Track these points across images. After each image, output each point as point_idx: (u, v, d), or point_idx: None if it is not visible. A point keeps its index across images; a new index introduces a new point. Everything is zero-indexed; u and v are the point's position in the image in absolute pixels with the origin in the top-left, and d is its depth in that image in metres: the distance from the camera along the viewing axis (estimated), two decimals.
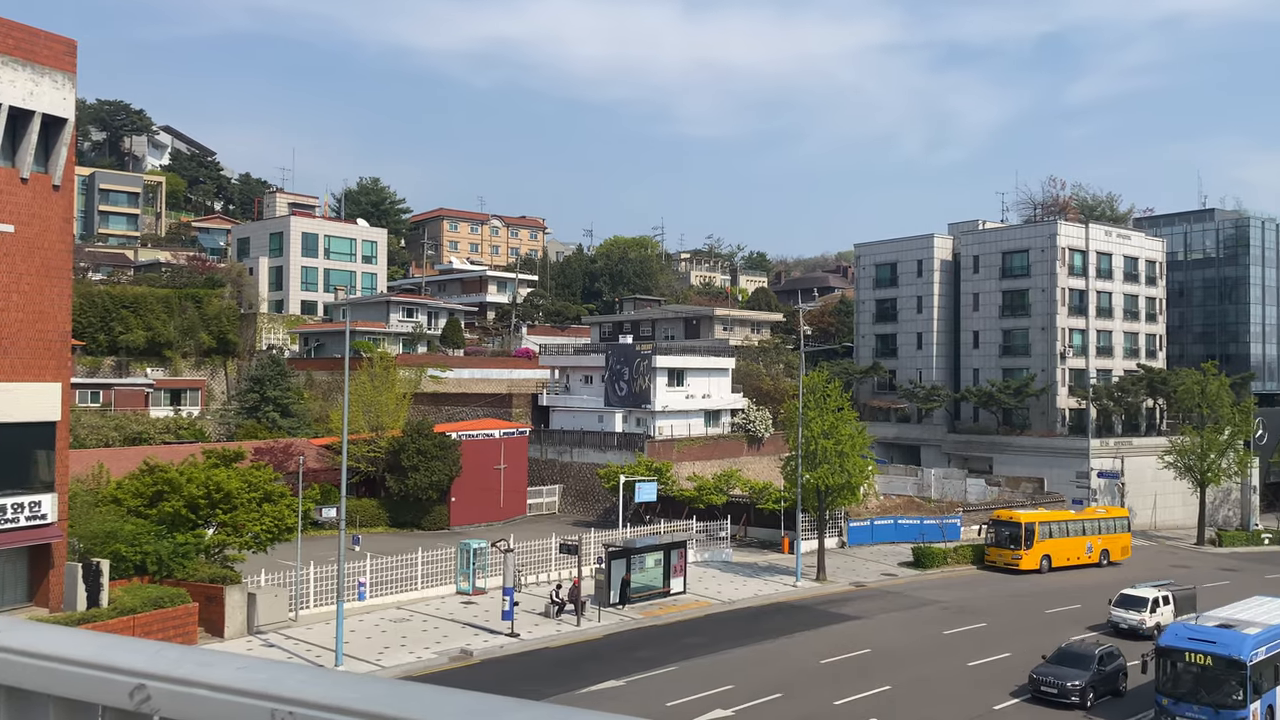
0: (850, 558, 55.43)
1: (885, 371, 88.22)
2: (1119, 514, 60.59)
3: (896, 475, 74.37)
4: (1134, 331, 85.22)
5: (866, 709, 29.38)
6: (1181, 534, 71.49)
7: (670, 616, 40.52)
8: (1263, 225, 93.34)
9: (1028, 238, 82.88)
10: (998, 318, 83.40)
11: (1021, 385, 77.91)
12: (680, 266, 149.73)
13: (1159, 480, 72.52)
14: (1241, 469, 70.11)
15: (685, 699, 29.54)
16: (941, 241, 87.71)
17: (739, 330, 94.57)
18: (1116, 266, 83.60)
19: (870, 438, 54.39)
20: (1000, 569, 53.83)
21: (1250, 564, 61.40)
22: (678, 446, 64.53)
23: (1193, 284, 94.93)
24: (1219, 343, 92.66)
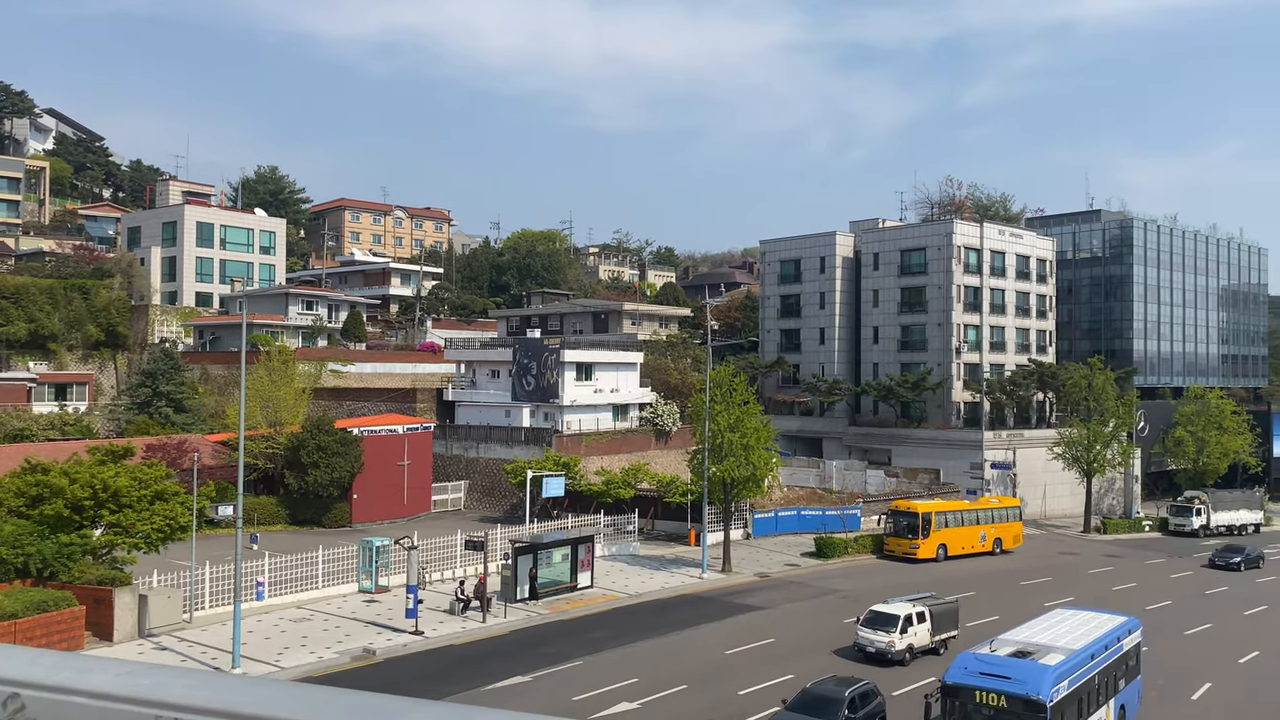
0: (755, 549, 56.23)
1: (789, 366, 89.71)
2: (1011, 503, 62.83)
3: (800, 467, 75.70)
4: (1025, 327, 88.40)
5: (771, 698, 29.83)
6: (1069, 522, 74.54)
7: (577, 611, 40.50)
8: (1145, 226, 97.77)
9: (925, 236, 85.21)
10: (897, 314, 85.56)
11: (919, 379, 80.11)
12: (589, 261, 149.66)
13: (1049, 471, 75.45)
14: (1125, 459, 73.41)
15: (591, 693, 29.58)
16: (843, 239, 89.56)
17: (647, 325, 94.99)
18: (1009, 265, 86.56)
19: (774, 431, 55.27)
20: (899, 558, 55.31)
21: (1132, 550, 64.37)
22: (586, 441, 64.51)
23: (1080, 282, 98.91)
24: (1105, 338, 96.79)
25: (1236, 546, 60.29)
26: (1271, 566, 59.03)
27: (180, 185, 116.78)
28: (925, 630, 35.42)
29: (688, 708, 28.84)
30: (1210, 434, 80.00)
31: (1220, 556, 58.48)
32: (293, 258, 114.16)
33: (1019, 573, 53.58)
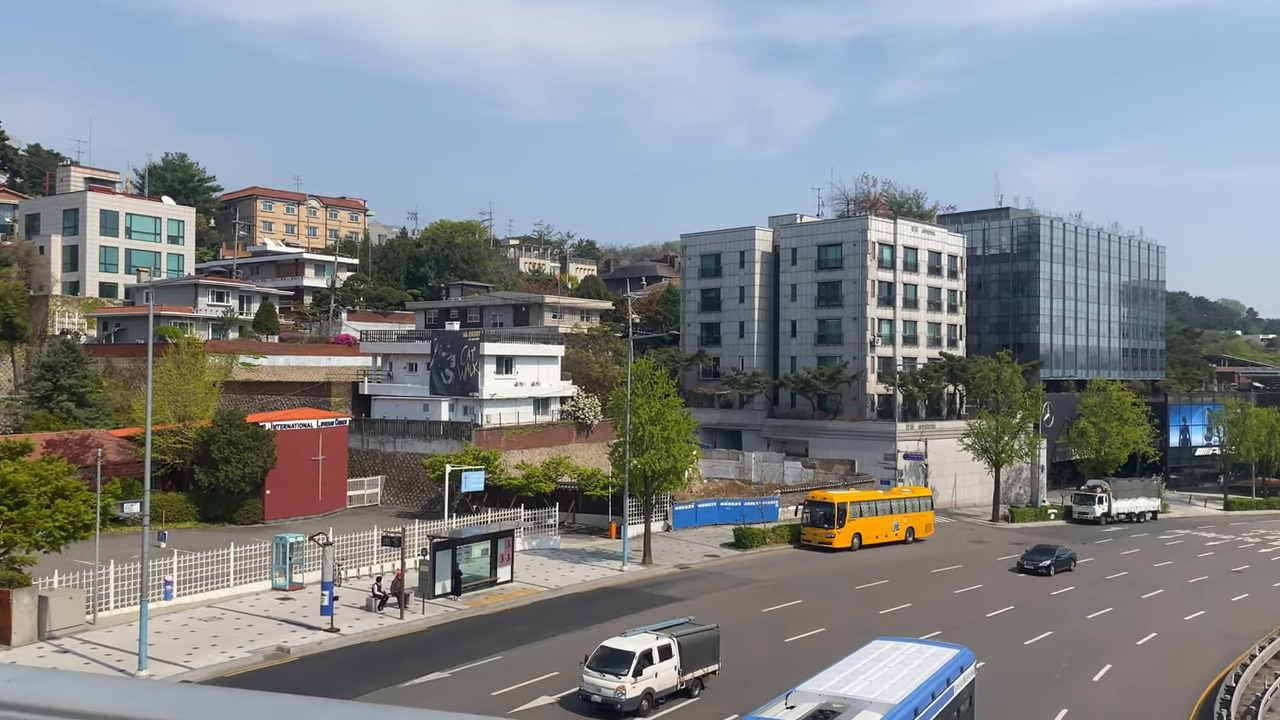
0: (675, 540, 56.61)
1: (709, 359, 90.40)
2: (923, 493, 64.39)
3: (719, 459, 76.41)
4: (937, 322, 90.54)
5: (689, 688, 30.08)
6: (979, 511, 76.70)
7: (497, 606, 40.28)
8: (1051, 224, 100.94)
9: (841, 232, 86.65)
10: (814, 308, 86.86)
11: (835, 372, 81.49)
12: (509, 253, 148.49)
13: (959, 461, 77.50)
14: (1031, 450, 75.81)
15: (511, 687, 29.47)
16: (762, 234, 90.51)
17: (568, 318, 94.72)
18: (922, 260, 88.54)
19: (695, 423, 55.66)
20: (815, 547, 56.27)
21: (1038, 538, 66.41)
22: (506, 435, 64.10)
23: (990, 277, 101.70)
24: (1012, 332, 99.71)
25: (1046, 548, 54.34)
26: (1084, 568, 54.37)
27: (83, 171, 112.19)
28: (671, 669, 28.61)
29: None
30: (1112, 425, 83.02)
31: (1029, 560, 52.71)
32: (202, 248, 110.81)
33: (930, 561, 54.97)
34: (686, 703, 29.36)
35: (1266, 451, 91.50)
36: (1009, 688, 31.88)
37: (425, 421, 65.97)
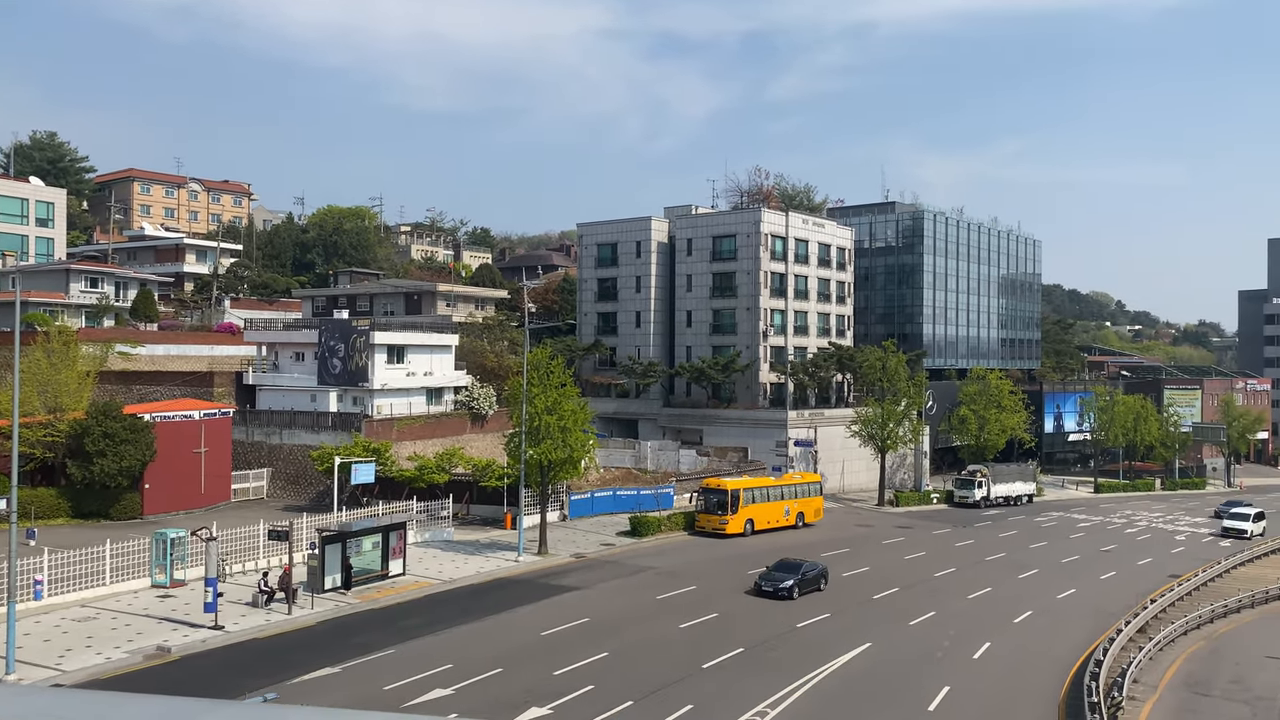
0: (572, 530, 56.62)
1: (606, 349, 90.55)
2: (813, 479, 65.88)
3: (616, 448, 76.68)
4: (827, 312, 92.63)
5: (585, 677, 30.21)
6: (865, 496, 78.89)
7: (389, 599, 39.63)
8: (934, 218, 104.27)
9: (735, 223, 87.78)
10: (709, 298, 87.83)
11: (729, 362, 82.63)
12: (401, 240, 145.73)
13: (847, 448, 79.56)
14: (915, 436, 78.34)
15: (404, 681, 29.06)
16: (658, 224, 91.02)
17: (462, 307, 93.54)
18: (812, 252, 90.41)
19: (592, 413, 55.72)
20: (709, 534, 57.02)
21: (921, 521, 68.84)
22: (398, 426, 63.00)
23: (876, 270, 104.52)
24: (898, 323, 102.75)
25: (791, 564, 43.68)
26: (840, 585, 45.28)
27: None
28: None
29: (503, 690, 28.79)
30: (990, 412, 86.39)
31: (768, 580, 42.25)
32: (74, 231, 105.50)
33: (819, 545, 56.28)
34: None
35: (1133, 437, 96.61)
36: (894, 668, 32.93)
37: (313, 412, 64.35)
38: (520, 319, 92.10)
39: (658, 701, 28.29)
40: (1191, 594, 47.38)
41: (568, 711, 27.21)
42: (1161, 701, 31.76)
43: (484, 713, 26.79)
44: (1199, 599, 46.44)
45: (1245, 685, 34.10)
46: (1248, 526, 67.95)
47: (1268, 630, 42.80)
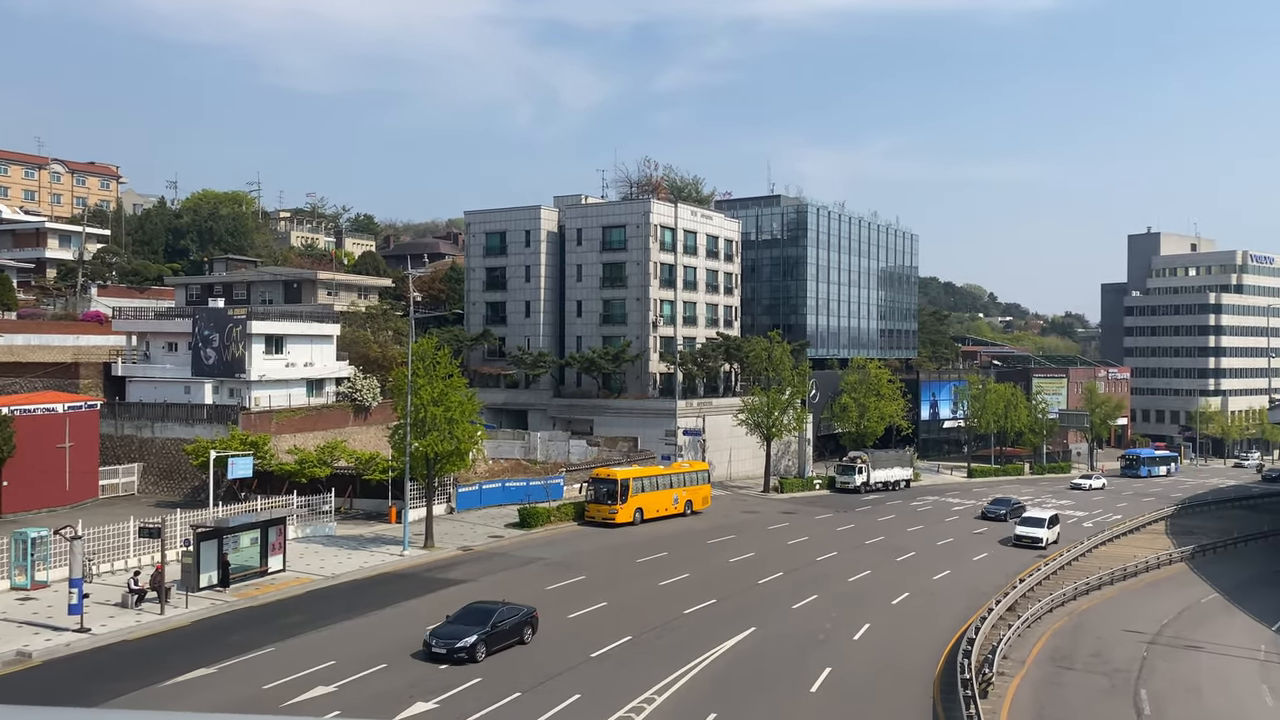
0: (459, 523, 56.00)
1: (495, 339, 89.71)
2: (701, 467, 66.75)
3: (505, 440, 76.12)
4: (715, 303, 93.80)
5: (472, 670, 29.92)
6: (751, 483, 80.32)
7: (268, 596, 38.48)
8: (817, 212, 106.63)
9: (625, 214, 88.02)
10: (599, 288, 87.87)
11: (619, 352, 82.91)
12: (280, 226, 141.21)
13: (734, 436, 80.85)
14: (799, 424, 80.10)
15: (284, 679, 28.28)
16: (548, 213, 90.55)
17: (345, 295, 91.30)
18: (701, 244, 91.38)
19: (480, 404, 55.11)
20: (599, 524, 57.18)
21: (804, 507, 70.48)
22: (277, 418, 61.12)
23: (762, 261, 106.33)
24: (783, 314, 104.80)
25: (479, 611, 32.23)
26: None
27: None
28: None
29: (388, 686, 28.31)
30: (870, 400, 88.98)
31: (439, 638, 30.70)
32: None
33: (707, 532, 57.12)
34: None
35: (1004, 423, 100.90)
36: (778, 651, 33.67)
37: (187, 405, 61.90)
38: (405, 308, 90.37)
39: (545, 692, 28.27)
40: (1057, 573, 49.84)
41: (454, 705, 26.94)
42: (1029, 676, 33.33)
43: (367, 710, 26.30)
44: (1064, 577, 48.88)
45: (1105, 658, 36.08)
46: (1043, 534, 57.88)
47: (1126, 605, 45.37)
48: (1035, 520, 59.90)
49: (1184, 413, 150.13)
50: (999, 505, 69.50)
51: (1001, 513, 67.71)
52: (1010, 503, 70.03)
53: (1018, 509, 67.90)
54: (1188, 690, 33.07)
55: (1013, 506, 68.67)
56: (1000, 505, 69.46)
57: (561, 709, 26.94)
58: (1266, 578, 54.34)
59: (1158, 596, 47.78)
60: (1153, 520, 71.22)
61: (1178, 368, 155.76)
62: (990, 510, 68.93)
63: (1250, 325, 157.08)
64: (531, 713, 26.57)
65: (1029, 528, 58.74)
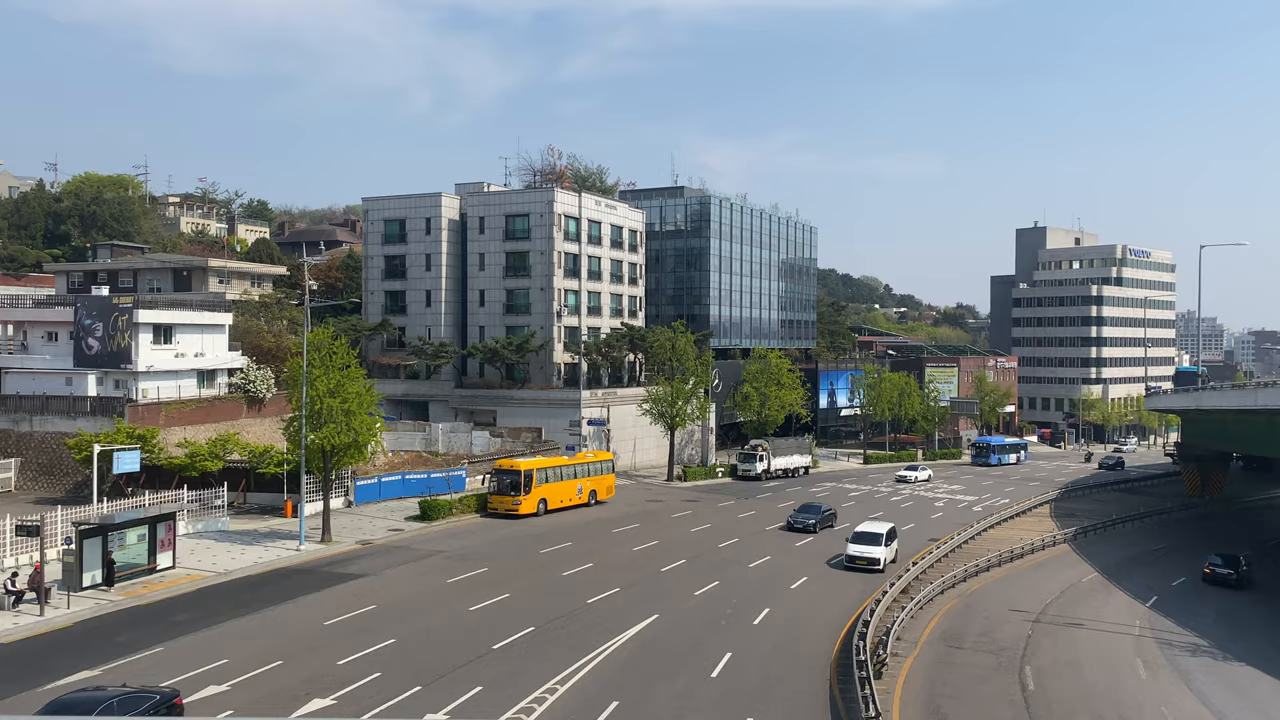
0: (358, 516, 54.98)
1: (394, 329, 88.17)
2: (605, 457, 66.88)
3: (405, 431, 74.97)
4: (619, 293, 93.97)
5: (372, 664, 29.49)
6: (656, 472, 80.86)
7: (157, 595, 37.16)
8: (720, 203, 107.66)
9: (528, 203, 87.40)
10: (502, 277, 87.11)
11: (523, 342, 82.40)
12: (168, 212, 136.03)
13: (638, 425, 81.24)
14: (702, 413, 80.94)
15: (175, 679, 27.35)
16: (449, 201, 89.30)
17: (238, 283, 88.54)
18: (605, 234, 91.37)
19: (379, 395, 54.24)
20: (502, 515, 56.83)
21: (707, 495, 71.26)
22: (166, 410, 58.96)
23: (666, 252, 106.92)
24: (686, 304, 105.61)
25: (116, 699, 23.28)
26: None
27: None
28: None
29: (283, 683, 27.66)
30: (771, 389, 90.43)
31: None
32: None
33: (611, 521, 57.30)
34: None
35: (898, 411, 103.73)
36: (680, 637, 34.02)
37: (69, 397, 59.24)
38: (301, 297, 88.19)
39: (447, 684, 28.01)
40: (948, 555, 51.52)
41: (353, 700, 26.49)
42: (921, 656, 34.39)
43: (262, 708, 25.65)
44: (955, 560, 50.55)
45: (992, 638, 37.47)
46: (880, 555, 47.05)
47: (1012, 586, 47.16)
48: (870, 536, 48.53)
49: (1068, 400, 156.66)
50: (807, 514, 58.15)
51: (810, 522, 57.04)
52: (820, 510, 58.92)
53: (828, 517, 59.07)
54: (1069, 665, 34.58)
55: (823, 514, 58.61)
56: (809, 514, 58.11)
57: (463, 701, 26.74)
58: (1142, 557, 57.17)
59: (1042, 577, 49.79)
60: (1038, 504, 74.18)
61: (1062, 357, 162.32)
62: (797, 520, 57.61)
63: (1129, 316, 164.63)
64: (433, 705, 26.32)
65: (864, 546, 47.54)
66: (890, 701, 28.98)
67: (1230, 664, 36.40)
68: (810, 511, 58.65)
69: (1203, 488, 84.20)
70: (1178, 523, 71.46)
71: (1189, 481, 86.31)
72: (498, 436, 76.63)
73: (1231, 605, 47.17)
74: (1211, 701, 31.70)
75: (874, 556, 47.06)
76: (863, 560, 46.94)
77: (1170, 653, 37.20)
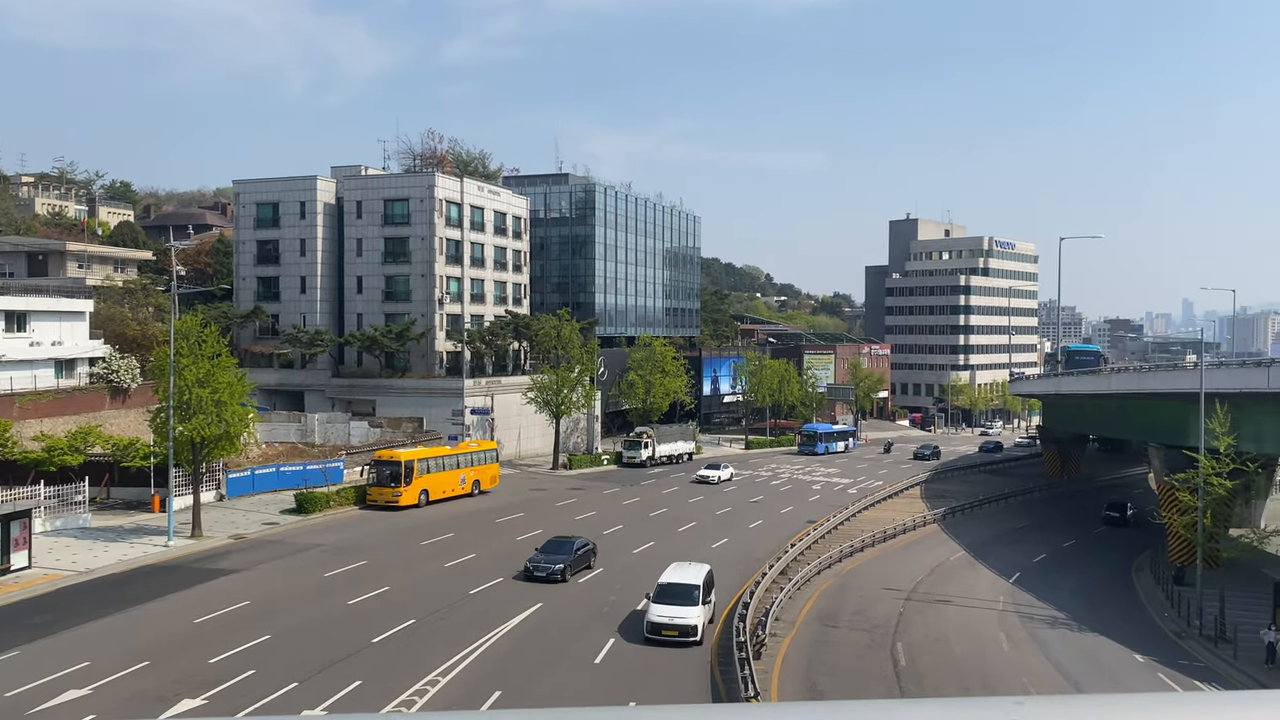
0: (230, 510, 53.17)
1: (268, 316, 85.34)
2: (489, 447, 66.34)
3: (280, 422, 72.81)
4: (503, 280, 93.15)
5: (245, 662, 28.61)
6: (541, 461, 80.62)
7: (11, 596, 35.18)
8: (605, 191, 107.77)
9: (408, 187, 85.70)
10: (381, 264, 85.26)
11: (403, 330, 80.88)
12: (22, 193, 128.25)
13: (523, 414, 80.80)
14: (588, 401, 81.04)
15: (31, 685, 25.99)
16: (325, 184, 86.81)
17: (99, 268, 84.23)
18: (488, 220, 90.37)
19: (251, 385, 52.62)
20: (382, 507, 55.77)
21: (593, 482, 71.46)
22: (21, 402, 55.68)
23: (551, 240, 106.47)
24: (571, 292, 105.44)
25: None
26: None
27: None
28: None
29: (150, 685, 26.58)
30: (656, 377, 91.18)
31: None
32: None
33: (495, 511, 56.92)
34: None
35: (778, 397, 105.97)
36: (563, 625, 34.08)
37: None
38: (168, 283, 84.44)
39: (325, 680, 27.41)
40: (825, 537, 53.02)
41: (225, 700, 25.66)
42: (799, 635, 35.34)
43: (128, 711, 24.62)
44: (831, 541, 52.07)
45: (866, 616, 38.77)
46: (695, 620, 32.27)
47: (885, 565, 48.88)
48: (680, 591, 33.36)
49: (938, 385, 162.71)
50: (554, 555, 40.60)
51: (556, 568, 39.67)
52: (572, 547, 41.62)
53: (584, 553, 42.24)
54: (938, 640, 36.07)
55: (578, 551, 41.67)
56: (555, 556, 40.56)
57: (341, 696, 26.20)
58: (1006, 536, 59.99)
59: (914, 556, 51.75)
60: (910, 485, 76.97)
61: (932, 344, 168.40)
62: (536, 565, 40.05)
63: (994, 305, 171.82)
64: (309, 701, 25.73)
65: (671, 608, 32.52)
66: (769, 681, 29.70)
67: (1084, 634, 38.61)
68: (559, 551, 41.00)
69: (1062, 468, 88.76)
70: (1040, 502, 75.23)
71: (1050, 463, 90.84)
72: (377, 427, 75.11)
73: (1086, 579, 49.98)
74: (1066, 669, 33.57)
75: (689, 625, 32.30)
76: (673, 629, 32.31)
77: (1031, 625, 39.21)
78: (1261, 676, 34.82)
